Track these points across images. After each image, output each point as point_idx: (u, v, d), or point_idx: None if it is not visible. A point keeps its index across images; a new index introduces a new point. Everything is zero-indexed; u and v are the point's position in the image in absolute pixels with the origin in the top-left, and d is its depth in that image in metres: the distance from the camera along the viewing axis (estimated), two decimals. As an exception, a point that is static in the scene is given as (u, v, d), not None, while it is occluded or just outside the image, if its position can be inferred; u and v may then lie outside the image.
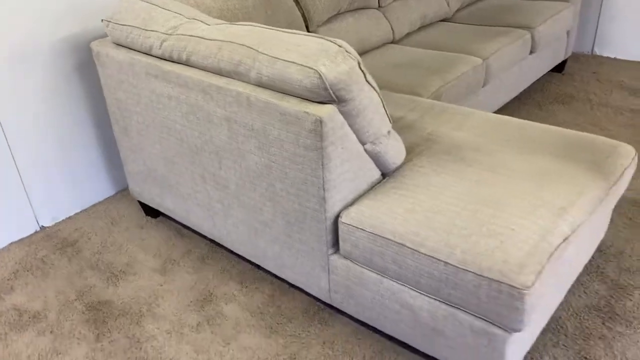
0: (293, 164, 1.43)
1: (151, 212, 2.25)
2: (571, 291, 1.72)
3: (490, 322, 1.24)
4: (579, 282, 1.75)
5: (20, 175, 2.10)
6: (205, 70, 1.58)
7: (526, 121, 1.78)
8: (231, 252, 2.01)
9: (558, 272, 1.30)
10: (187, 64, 1.63)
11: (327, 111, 1.31)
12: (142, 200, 2.16)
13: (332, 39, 1.36)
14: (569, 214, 1.33)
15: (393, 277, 1.39)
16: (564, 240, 1.27)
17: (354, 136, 1.41)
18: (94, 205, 2.36)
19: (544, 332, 1.58)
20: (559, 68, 3.49)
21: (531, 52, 2.86)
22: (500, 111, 2.98)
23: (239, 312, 1.73)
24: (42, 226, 2.23)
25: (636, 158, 1.64)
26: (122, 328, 1.70)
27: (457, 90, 2.29)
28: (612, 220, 2.04)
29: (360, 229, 1.40)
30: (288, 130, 1.38)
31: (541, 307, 1.32)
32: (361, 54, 2.57)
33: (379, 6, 2.71)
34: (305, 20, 2.35)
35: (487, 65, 2.47)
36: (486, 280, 1.19)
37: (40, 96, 2.08)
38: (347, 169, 1.43)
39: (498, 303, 1.19)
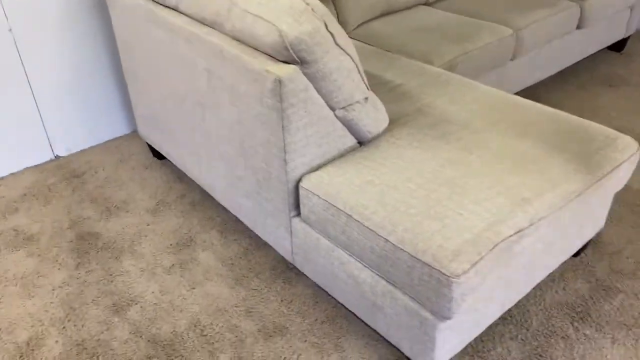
0: (258, 123, 1.41)
1: (158, 153, 2.32)
2: (550, 286, 1.64)
3: (422, 306, 1.21)
4: (562, 278, 1.66)
5: (37, 104, 2.21)
6: (192, 19, 1.57)
7: (530, 102, 1.66)
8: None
9: (509, 265, 1.23)
10: (177, 10, 1.63)
11: (288, 71, 1.27)
12: (148, 142, 2.22)
13: (305, -4, 1.30)
14: (532, 206, 1.25)
15: (342, 247, 1.37)
16: (517, 232, 1.20)
17: (321, 100, 1.37)
18: (108, 141, 2.46)
19: (506, 322, 1.53)
20: (618, 47, 3.21)
21: (579, 27, 2.63)
22: (533, 88, 2.80)
23: (212, 260, 1.78)
24: (57, 155, 2.35)
25: (638, 153, 1.50)
26: (101, 260, 1.79)
27: (477, 61, 2.16)
28: (619, 217, 1.90)
29: (316, 195, 1.38)
30: (254, 87, 1.36)
31: (481, 298, 1.27)
32: (388, 13, 2.46)
33: (416, -36, 2.57)
34: (328, -26, 2.27)
35: (519, 37, 2.31)
36: (419, 263, 1.15)
37: (60, 28, 2.15)
38: (312, 134, 1.40)
39: (428, 288, 1.15)
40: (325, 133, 1.44)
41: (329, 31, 1.28)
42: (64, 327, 1.56)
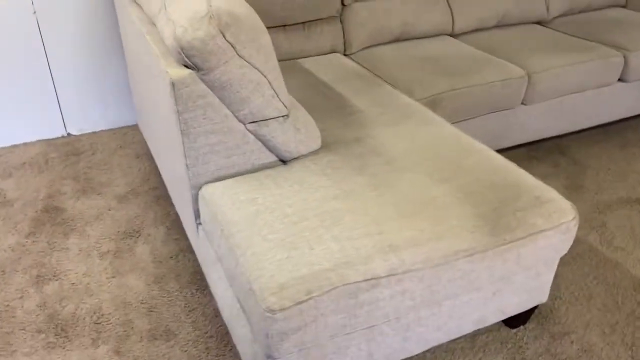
0: (169, 122, 1.42)
1: (153, 145, 2.41)
2: (465, 353, 1.47)
3: (255, 337, 1.14)
4: (483, 349, 1.48)
5: (55, 84, 2.39)
6: (147, 16, 1.63)
7: (485, 148, 1.51)
8: (185, 200, 2.08)
9: (357, 315, 1.12)
10: (141, 7, 1.69)
11: (182, 75, 1.27)
12: (142, 132, 2.32)
13: (224, 0, 1.29)
14: (397, 256, 1.13)
15: (219, 261, 1.33)
16: (368, 280, 1.09)
17: (226, 110, 1.35)
18: (118, 128, 2.60)
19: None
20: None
21: (622, 80, 2.36)
22: (561, 139, 2.53)
23: (146, 254, 1.81)
24: (69, 133, 2.53)
25: (574, 223, 1.30)
26: (51, 234, 1.89)
27: (472, 99, 2.01)
28: (588, 294, 1.66)
29: (206, 205, 1.36)
30: (163, 87, 1.37)
31: (326, 346, 1.16)
32: (403, 39, 2.37)
33: (447, -7, 2.45)
34: (341, -8, 2.24)
35: (532, 80, 2.11)
36: (250, 291, 1.09)
37: (81, 15, 2.31)
38: (217, 143, 1.38)
39: (254, 318, 1.08)
40: (235, 145, 1.41)
41: (227, 41, 1.25)
42: (-13, 287, 1.66)
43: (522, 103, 2.17)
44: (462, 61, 2.12)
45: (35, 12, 2.23)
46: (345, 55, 2.28)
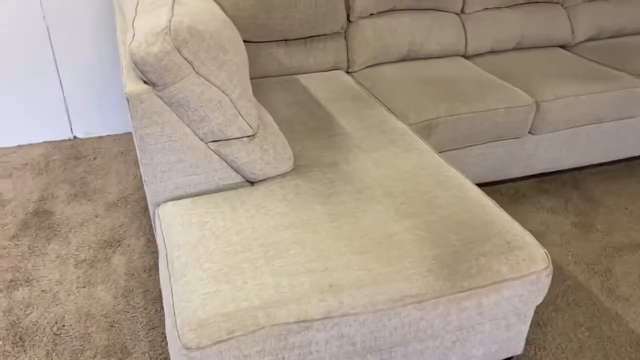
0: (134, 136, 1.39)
1: (152, 154, 2.40)
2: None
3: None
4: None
5: (62, 87, 2.42)
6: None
7: (467, 183, 1.41)
8: (173, 212, 2.05)
9: (284, 357, 1.04)
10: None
11: (138, 90, 1.23)
12: (141, 140, 2.31)
13: (181, 14, 1.24)
14: (336, 297, 1.05)
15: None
16: (300, 322, 1.01)
17: (187, 129, 1.31)
18: (124, 133, 2.61)
19: None
20: None
21: (648, 113, 2.18)
22: (578, 171, 2.36)
23: (121, 266, 1.78)
24: (75, 136, 2.56)
25: (545, 273, 1.18)
26: (34, 238, 1.89)
27: (470, 127, 1.89)
28: (577, 348, 1.51)
29: (159, 225, 1.31)
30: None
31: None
32: (410, 59, 2.28)
33: (462, 12, 2.34)
34: (347, 7, 2.17)
35: (541, 109, 1.98)
36: (173, 324, 1.03)
37: (91, 21, 2.34)
38: (176, 161, 1.34)
39: (173, 354, 1.02)
40: (196, 164, 1.36)
41: (184, 57, 1.21)
42: (-40, 288, 1.68)
43: (530, 132, 2.03)
44: (468, 85, 2.01)
45: (44, 17, 2.27)
46: (348, 72, 2.21)
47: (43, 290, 1.68)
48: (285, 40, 2.12)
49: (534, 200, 2.17)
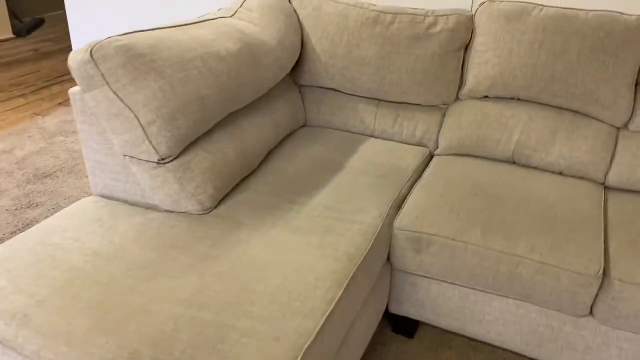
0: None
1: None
2: None
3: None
4: None
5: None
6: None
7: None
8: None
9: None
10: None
11: (75, 89, 1.40)
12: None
13: (138, 36, 1.35)
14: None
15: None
16: (-20, 329, 1.03)
17: (108, 135, 1.41)
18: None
19: None
20: None
21: None
22: None
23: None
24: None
25: None
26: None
27: (484, 267, 1.39)
28: None
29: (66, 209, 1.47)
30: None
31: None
32: (510, 162, 1.77)
33: (625, 127, 1.67)
34: (460, 82, 1.84)
35: (610, 288, 1.29)
36: None
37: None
38: (99, 161, 1.47)
39: None
40: (117, 170, 1.46)
41: (99, 70, 1.31)
42: None
43: (591, 314, 1.36)
44: (537, 220, 1.46)
45: None
46: (430, 154, 1.88)
47: None
48: (378, 99, 1.95)
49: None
